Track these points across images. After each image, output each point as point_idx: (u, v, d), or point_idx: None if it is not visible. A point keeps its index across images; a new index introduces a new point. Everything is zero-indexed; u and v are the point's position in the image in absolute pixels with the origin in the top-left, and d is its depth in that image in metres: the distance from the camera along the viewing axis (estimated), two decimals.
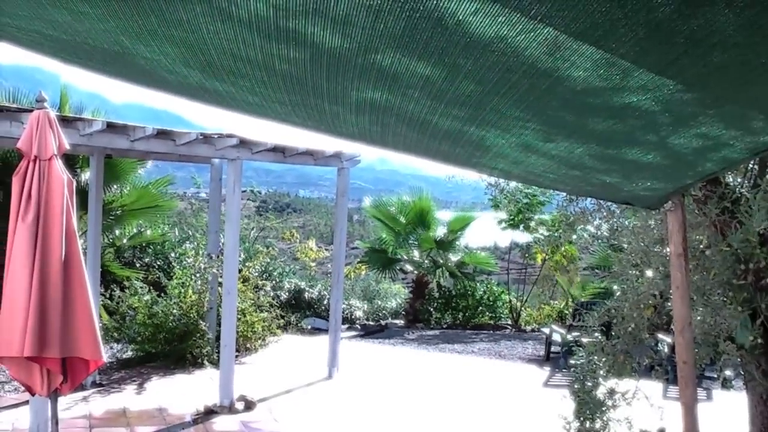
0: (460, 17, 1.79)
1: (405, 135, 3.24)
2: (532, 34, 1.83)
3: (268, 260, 15.73)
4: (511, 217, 18.03)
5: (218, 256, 11.38)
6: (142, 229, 16.06)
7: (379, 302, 20.33)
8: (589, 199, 6.44)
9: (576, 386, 6.16)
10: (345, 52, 2.15)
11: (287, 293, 16.18)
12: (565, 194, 6.64)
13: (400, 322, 18.91)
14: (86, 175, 12.65)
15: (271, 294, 15.10)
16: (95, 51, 2.59)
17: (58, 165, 5.36)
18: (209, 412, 9.17)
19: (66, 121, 7.83)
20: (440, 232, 19.82)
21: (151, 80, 2.91)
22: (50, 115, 5.42)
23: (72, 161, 13.82)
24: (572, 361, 6.57)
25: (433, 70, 2.22)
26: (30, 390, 5.63)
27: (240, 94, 2.82)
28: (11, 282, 5.13)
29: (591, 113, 2.59)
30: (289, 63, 2.33)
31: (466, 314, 19.07)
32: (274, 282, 16.00)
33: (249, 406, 9.44)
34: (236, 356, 11.26)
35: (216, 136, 9.15)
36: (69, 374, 5.46)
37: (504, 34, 1.86)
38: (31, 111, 5.61)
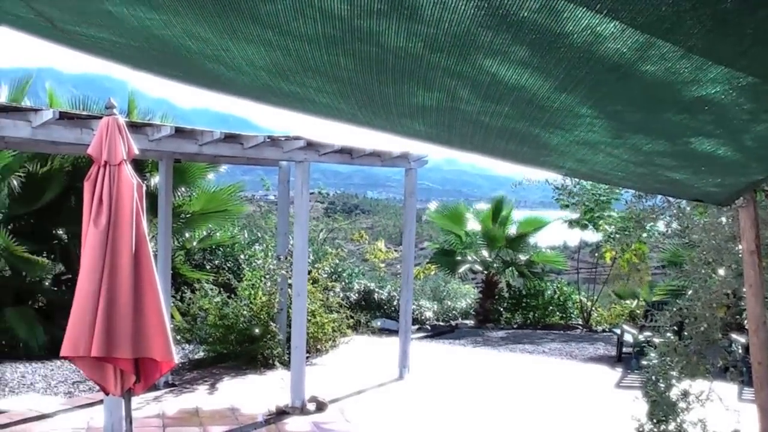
0: (525, 14, 1.78)
1: (471, 135, 3.23)
2: (598, 28, 1.81)
3: (337, 261, 15.82)
4: (581, 216, 17.84)
5: (287, 258, 11.48)
6: (212, 232, 16.29)
7: (449, 303, 20.27)
8: (658, 196, 6.34)
9: (648, 388, 6.07)
10: (411, 51, 2.15)
11: (357, 294, 16.25)
12: (634, 192, 6.54)
13: (470, 322, 18.82)
14: (156, 180, 12.87)
15: (341, 295, 15.18)
16: (162, 56, 2.64)
17: (128, 170, 5.46)
18: (281, 413, 9.25)
19: (135, 127, 7.98)
20: (510, 231, 19.75)
21: (218, 83, 2.95)
22: (119, 121, 5.53)
23: (142, 166, 14.10)
24: (644, 362, 6.48)
25: (498, 67, 2.21)
26: (104, 389, 5.75)
27: (306, 94, 2.84)
28: (82, 284, 5.25)
29: (660, 108, 2.55)
30: (355, 63, 2.34)
31: (537, 314, 18.91)
32: (343, 283, 16.08)
33: (320, 407, 9.49)
34: (307, 357, 11.35)
35: (283, 139, 9.23)
36: (142, 374, 5.57)
37: (569, 29, 1.84)
38: (101, 118, 5.73)
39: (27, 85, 13.55)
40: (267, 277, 11.98)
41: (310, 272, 13.10)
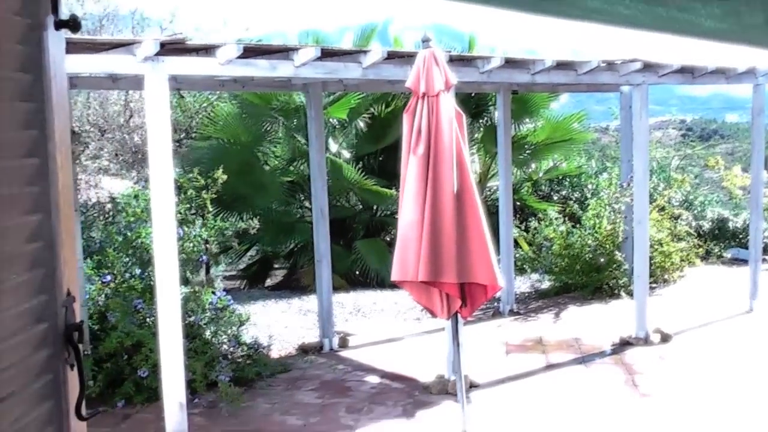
0: None
1: None
2: None
3: (688, 189, 15.07)
4: None
5: (629, 185, 11.13)
6: (558, 163, 16.22)
7: None
8: None
9: None
10: None
11: (710, 223, 15.37)
12: None
13: None
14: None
15: (693, 224, 14.48)
16: None
17: (446, 100, 5.56)
18: (624, 344, 9.06)
19: (465, 60, 8.11)
20: None
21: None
22: (435, 53, 5.64)
23: (484, 99, 14.34)
24: None
25: None
26: (432, 313, 5.99)
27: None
28: (406, 212, 5.48)
29: None
30: None
31: None
32: (695, 211, 15.29)
33: (665, 338, 9.17)
34: (653, 287, 11.02)
35: (619, 62, 8.89)
36: (468, 299, 5.71)
37: None
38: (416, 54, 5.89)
39: (373, 33, 14.31)
40: (610, 205, 11.72)
41: (655, 199, 12.63)
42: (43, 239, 2.27)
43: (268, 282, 14.47)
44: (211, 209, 8.58)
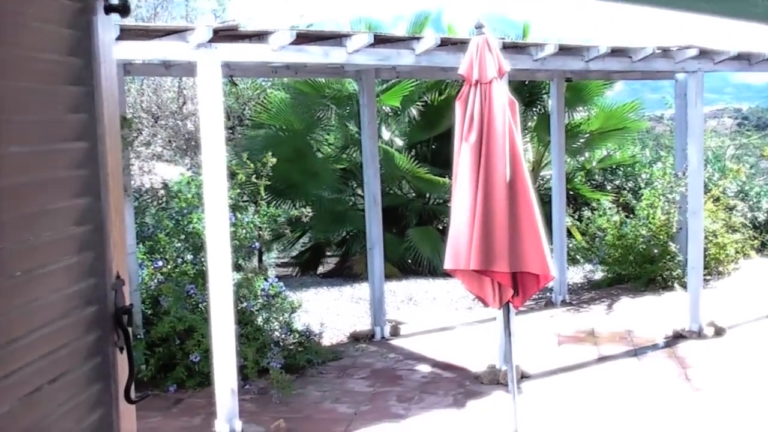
0: None
1: None
2: None
3: (743, 179, 14.76)
4: None
5: (684, 174, 10.94)
6: (611, 152, 16.02)
7: None
8: None
9: None
10: None
11: (765, 214, 15.03)
12: None
13: None
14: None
15: (748, 215, 14.20)
16: None
17: (499, 87, 5.50)
18: (677, 337, 8.91)
19: (518, 48, 8.01)
20: None
21: None
22: (489, 39, 5.57)
23: (537, 87, 14.21)
24: None
25: None
26: (483, 302, 5.95)
27: None
28: (458, 201, 5.44)
29: None
30: None
31: None
32: (750, 202, 14.97)
33: (718, 332, 8.99)
34: (706, 279, 10.82)
35: (675, 48, 8.73)
36: (520, 288, 5.64)
37: None
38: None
39: (426, 21, 14.27)
40: (664, 195, 11.54)
41: (710, 190, 12.40)
42: (93, 222, 2.28)
43: (320, 269, 14.54)
44: (264, 196, 8.61)
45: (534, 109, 14.67)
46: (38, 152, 2.04)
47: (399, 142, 14.45)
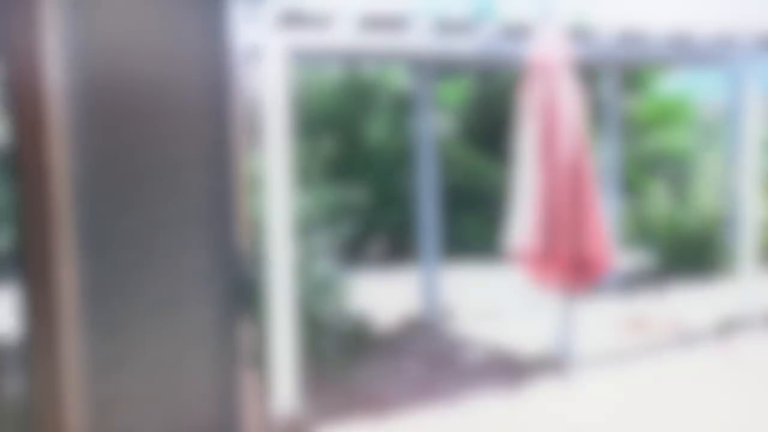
0: None
1: None
2: None
3: None
4: None
5: (736, 163, 10.85)
6: (664, 140, 15.88)
7: None
8: None
9: None
10: None
11: None
12: None
13: None
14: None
15: None
16: None
17: (564, 76, 5.53)
18: (730, 326, 8.88)
19: (578, 34, 7.99)
20: None
21: None
22: (552, 27, 5.60)
23: (592, 75, 14.10)
24: None
25: None
26: (541, 287, 5.99)
27: None
28: (522, 185, 5.48)
29: None
30: None
31: None
32: None
33: None
34: (762, 268, 10.71)
35: (730, 36, 8.66)
36: (580, 274, 5.68)
37: None
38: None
39: (490, 8, 14.17)
40: (717, 183, 11.46)
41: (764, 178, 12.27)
42: (218, 197, 2.38)
43: (374, 253, 14.59)
44: (318, 180, 8.68)
45: (589, 95, 14.57)
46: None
47: (456, 127, 14.42)
